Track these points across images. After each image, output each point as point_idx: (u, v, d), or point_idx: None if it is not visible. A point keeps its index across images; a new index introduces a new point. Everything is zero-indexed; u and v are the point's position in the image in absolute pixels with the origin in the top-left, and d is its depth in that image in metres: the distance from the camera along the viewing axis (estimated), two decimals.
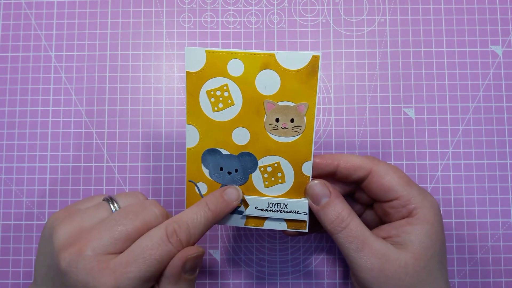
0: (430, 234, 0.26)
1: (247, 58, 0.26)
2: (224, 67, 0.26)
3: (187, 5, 0.38)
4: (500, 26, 0.37)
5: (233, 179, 0.28)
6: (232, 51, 0.26)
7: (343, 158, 0.28)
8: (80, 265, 0.23)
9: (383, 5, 0.38)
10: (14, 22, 0.38)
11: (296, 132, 0.27)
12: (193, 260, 0.25)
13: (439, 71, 0.37)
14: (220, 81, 0.27)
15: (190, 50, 0.26)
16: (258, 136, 0.27)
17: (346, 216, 0.27)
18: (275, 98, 0.27)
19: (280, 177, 0.28)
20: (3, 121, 0.37)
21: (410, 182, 0.28)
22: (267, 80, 0.26)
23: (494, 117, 0.37)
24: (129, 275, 0.23)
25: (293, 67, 0.26)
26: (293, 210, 0.28)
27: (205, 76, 0.27)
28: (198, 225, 0.25)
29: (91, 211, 0.26)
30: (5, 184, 0.36)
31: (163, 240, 0.24)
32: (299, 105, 0.27)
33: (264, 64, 0.26)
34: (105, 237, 0.24)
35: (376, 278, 0.25)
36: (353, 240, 0.26)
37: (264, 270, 0.36)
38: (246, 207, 0.29)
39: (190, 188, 0.29)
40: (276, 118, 0.27)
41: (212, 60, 0.26)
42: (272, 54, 0.26)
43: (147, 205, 0.26)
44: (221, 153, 0.28)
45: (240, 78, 0.27)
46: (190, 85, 0.27)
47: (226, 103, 0.27)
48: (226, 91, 0.27)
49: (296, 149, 0.27)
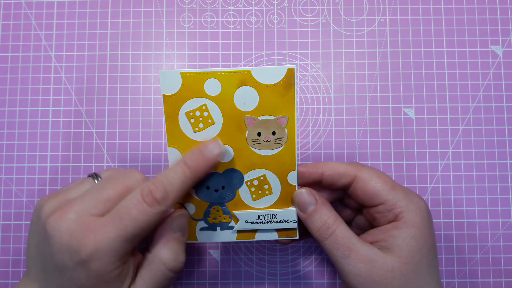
0: (417, 237, 0.26)
1: (223, 77, 0.26)
2: (201, 87, 0.27)
3: (187, 5, 0.38)
4: (500, 26, 0.37)
5: (221, 196, 0.29)
6: (207, 71, 0.26)
7: (327, 166, 0.29)
8: (63, 228, 0.23)
9: (383, 5, 0.38)
10: (14, 22, 0.38)
11: (278, 144, 0.27)
12: (178, 219, 0.26)
13: (439, 71, 0.37)
14: (198, 102, 0.27)
15: (164, 73, 0.26)
16: (241, 151, 0.28)
17: (332, 223, 0.27)
18: (255, 113, 0.27)
19: (267, 189, 0.28)
20: (3, 121, 0.37)
21: (396, 186, 0.28)
22: (245, 97, 0.27)
23: (494, 117, 0.37)
24: (108, 235, 0.23)
25: (270, 81, 0.26)
26: (283, 219, 0.28)
27: (183, 98, 0.27)
28: (174, 182, 0.25)
29: (76, 185, 0.27)
30: (5, 184, 0.36)
31: (139, 200, 0.24)
32: (279, 117, 0.27)
33: (240, 81, 0.26)
34: (86, 201, 0.24)
35: (364, 283, 0.25)
36: (339, 246, 0.26)
37: (264, 270, 0.36)
38: (236, 222, 0.29)
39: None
40: (257, 133, 0.27)
41: (188, 81, 0.26)
42: (248, 71, 0.26)
43: (128, 172, 0.27)
44: None
45: (218, 97, 0.27)
46: (168, 108, 0.27)
47: (207, 123, 0.27)
48: (206, 110, 0.27)
49: (280, 160, 0.28)
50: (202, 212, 0.29)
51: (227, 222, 0.29)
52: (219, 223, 0.29)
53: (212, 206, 0.29)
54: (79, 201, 0.24)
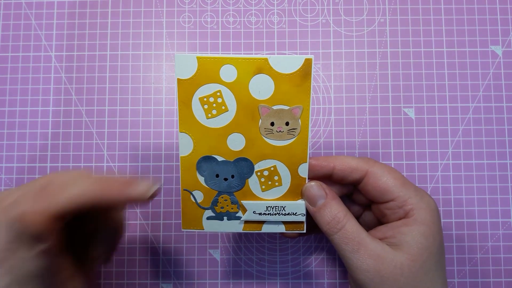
0: (427, 235, 0.26)
1: (240, 64, 0.26)
2: (217, 73, 0.26)
3: (187, 5, 0.38)
4: (500, 26, 0.37)
5: (230, 185, 0.28)
6: (224, 56, 0.26)
7: (338, 160, 0.28)
8: None
9: (383, 5, 0.38)
10: (14, 22, 0.38)
11: (291, 135, 0.27)
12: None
13: (439, 71, 0.37)
14: (213, 88, 0.26)
15: (180, 56, 0.26)
16: (253, 141, 0.27)
17: (342, 217, 0.27)
18: (269, 102, 0.27)
19: (276, 180, 0.28)
20: (3, 121, 0.37)
21: (407, 183, 0.28)
22: (261, 85, 0.26)
23: (494, 117, 0.37)
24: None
25: (287, 70, 0.26)
26: (291, 212, 0.28)
27: (197, 83, 0.26)
28: (71, 191, 0.23)
29: None
30: (5, 184, 0.36)
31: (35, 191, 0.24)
32: (293, 108, 0.27)
33: (257, 68, 0.26)
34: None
35: (372, 279, 0.25)
36: (348, 241, 0.26)
37: (264, 270, 0.36)
38: (244, 212, 0.29)
39: (186, 197, 0.28)
40: (271, 122, 0.27)
41: (203, 66, 0.26)
42: (265, 59, 0.26)
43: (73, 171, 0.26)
44: (217, 159, 0.28)
45: (233, 83, 0.26)
46: (182, 92, 0.27)
47: (220, 110, 0.27)
48: (220, 97, 0.27)
49: (292, 151, 0.27)
50: (210, 201, 0.29)
51: (235, 212, 0.29)
52: (226, 212, 0.29)
53: (220, 195, 0.28)
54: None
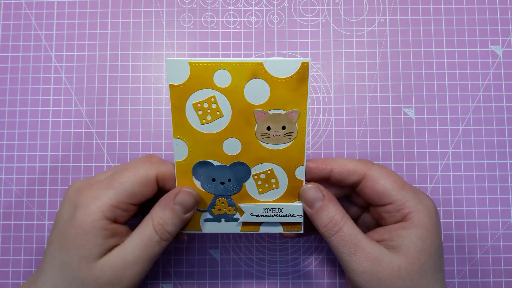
0: (424, 238, 0.26)
1: (234, 68, 0.25)
2: (210, 78, 0.25)
3: (187, 5, 0.38)
4: (500, 26, 0.37)
5: (227, 189, 0.28)
6: (218, 61, 0.25)
7: (336, 163, 0.28)
8: (74, 186, 0.28)
9: (383, 5, 0.38)
10: (14, 22, 0.38)
11: (288, 139, 0.27)
12: (184, 194, 0.27)
13: (439, 71, 0.37)
14: (207, 93, 0.26)
15: (172, 61, 0.25)
16: (249, 145, 0.27)
17: (339, 219, 0.26)
18: (265, 107, 0.26)
19: (273, 183, 0.28)
20: (3, 121, 0.37)
21: (405, 186, 0.27)
22: (256, 90, 0.26)
23: (494, 117, 0.37)
24: (99, 191, 0.27)
25: (283, 75, 0.25)
26: (288, 213, 0.28)
27: (191, 89, 0.26)
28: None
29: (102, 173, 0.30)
30: (5, 184, 0.36)
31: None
32: (290, 112, 0.26)
33: (252, 73, 0.25)
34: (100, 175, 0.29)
35: (369, 281, 0.25)
36: (346, 243, 0.26)
37: (264, 270, 0.36)
38: (241, 214, 0.29)
39: None
40: (267, 127, 0.27)
41: (196, 71, 0.25)
42: (260, 63, 0.25)
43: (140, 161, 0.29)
44: (213, 164, 0.28)
45: (227, 89, 0.26)
46: (175, 98, 0.26)
47: (215, 115, 0.26)
48: (214, 102, 0.26)
49: (289, 155, 0.27)
50: (207, 204, 0.29)
51: (232, 214, 0.29)
52: (224, 214, 0.29)
53: (218, 198, 0.29)
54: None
